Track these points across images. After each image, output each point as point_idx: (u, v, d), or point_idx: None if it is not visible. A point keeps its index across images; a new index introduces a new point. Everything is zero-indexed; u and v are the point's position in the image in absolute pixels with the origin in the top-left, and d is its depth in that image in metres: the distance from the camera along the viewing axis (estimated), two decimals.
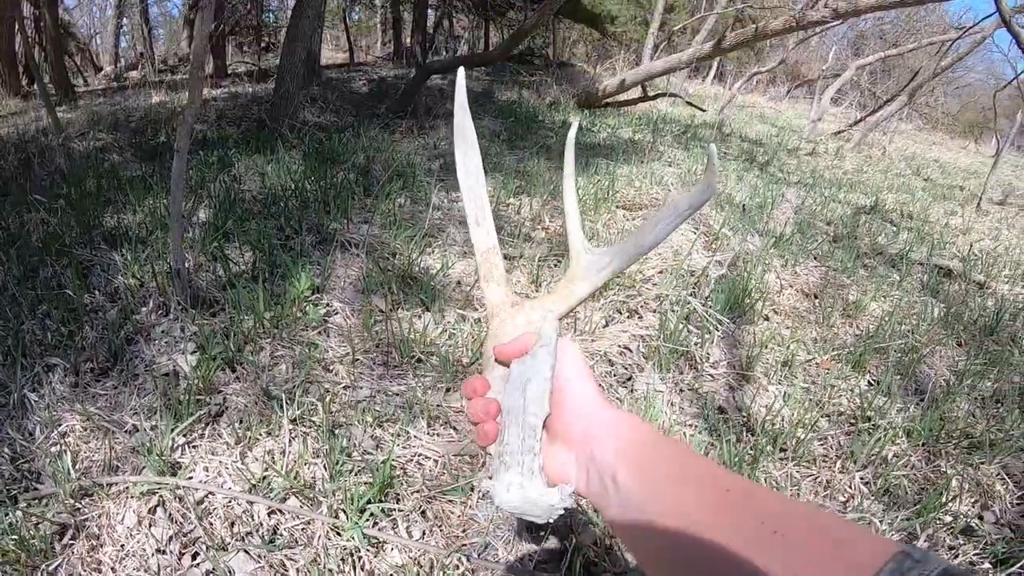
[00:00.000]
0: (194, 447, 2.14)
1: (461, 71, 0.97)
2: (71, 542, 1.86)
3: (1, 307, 2.77)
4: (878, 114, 12.85)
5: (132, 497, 1.96)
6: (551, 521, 0.76)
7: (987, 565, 1.98)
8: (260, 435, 2.18)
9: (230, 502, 1.95)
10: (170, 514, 1.92)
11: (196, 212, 3.75)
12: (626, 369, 2.68)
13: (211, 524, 1.89)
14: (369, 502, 1.93)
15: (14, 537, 1.79)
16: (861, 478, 2.28)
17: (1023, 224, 7.15)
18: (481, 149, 0.95)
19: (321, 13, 6.87)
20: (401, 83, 8.55)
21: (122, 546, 1.84)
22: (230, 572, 1.76)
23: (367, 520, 1.90)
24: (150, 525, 1.89)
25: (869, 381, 2.90)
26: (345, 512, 1.90)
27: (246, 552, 1.81)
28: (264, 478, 2.03)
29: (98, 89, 11.06)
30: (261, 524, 1.90)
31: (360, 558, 1.81)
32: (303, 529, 1.89)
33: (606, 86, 9.02)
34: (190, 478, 2.02)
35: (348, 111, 7.42)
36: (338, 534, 1.87)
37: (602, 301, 3.07)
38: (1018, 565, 1.92)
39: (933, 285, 4.10)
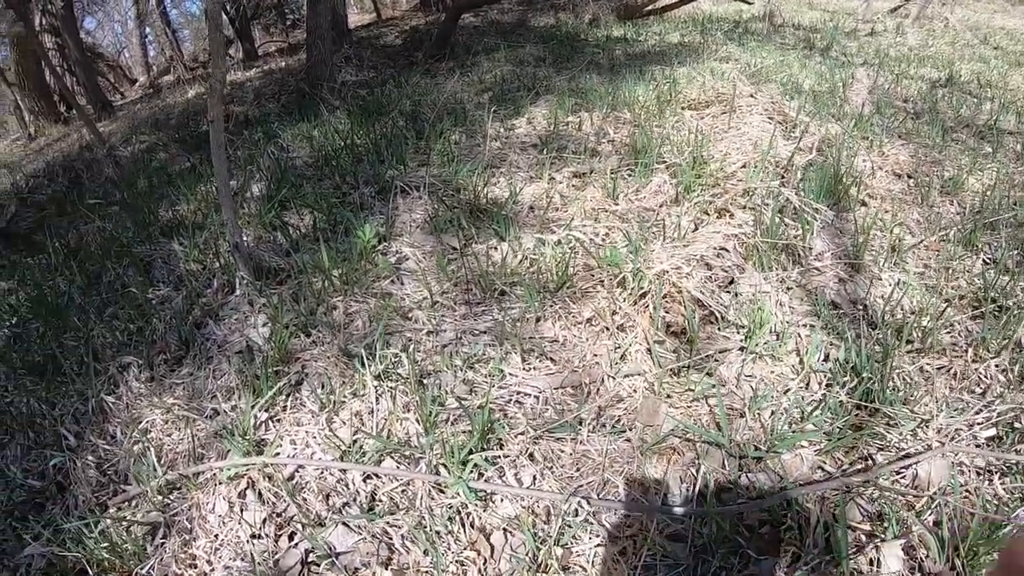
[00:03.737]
0: (277, 421, 2.02)
1: None
2: (162, 541, 1.78)
3: (69, 318, 2.73)
4: None
5: (220, 483, 1.86)
6: None
7: None
8: (345, 397, 2.04)
9: (322, 473, 1.83)
10: (261, 494, 1.80)
11: (248, 187, 3.64)
12: (726, 272, 2.45)
13: (305, 500, 1.77)
14: (471, 452, 1.78)
15: (105, 544, 1.72)
16: (996, 365, 2.05)
17: None
18: (528, 75, 0.73)
19: None
20: (434, 29, 8.30)
21: (216, 536, 1.75)
22: (330, 549, 1.64)
23: (471, 472, 1.75)
24: (242, 510, 1.79)
25: (984, 260, 2.65)
26: (446, 467, 1.76)
27: (345, 525, 1.69)
28: (355, 442, 1.90)
29: (135, 99, 11.19)
30: (358, 492, 1.77)
31: (468, 515, 1.67)
32: (403, 491, 1.76)
33: None
34: (277, 454, 1.90)
35: (385, 65, 7.24)
36: (441, 491, 1.73)
37: (685, 204, 2.83)
38: None
39: None
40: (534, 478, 1.76)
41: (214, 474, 1.89)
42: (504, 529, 1.64)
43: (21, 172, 6.81)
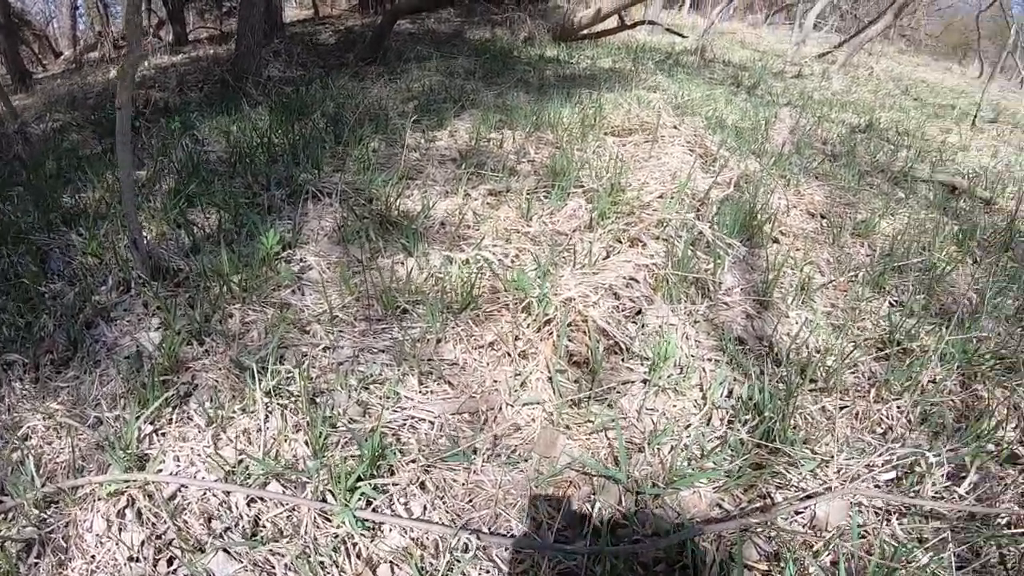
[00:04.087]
0: (162, 434, 1.92)
1: None
2: (36, 560, 1.67)
3: None
4: (864, 34, 12.50)
5: (99, 499, 1.76)
6: None
7: None
8: (234, 413, 1.96)
9: (204, 494, 1.74)
10: (140, 514, 1.71)
11: (158, 180, 3.50)
12: (634, 302, 2.46)
13: (185, 522, 1.69)
14: (360, 479, 1.73)
15: None
16: (898, 407, 2.10)
17: (1018, 142, 7.10)
18: (456, 87, 0.70)
19: None
20: (369, 32, 8.21)
21: (92, 557, 1.65)
22: None
23: (359, 500, 1.70)
24: (120, 530, 1.69)
25: (891, 302, 2.73)
26: (333, 493, 1.70)
27: (226, 552, 1.61)
28: (240, 462, 1.82)
29: (57, 73, 10.70)
30: (241, 516, 1.70)
31: (355, 544, 1.62)
32: (288, 517, 1.69)
33: (581, 17, 8.74)
34: (160, 471, 1.81)
35: (315, 63, 7.11)
36: (327, 520, 1.67)
37: (598, 231, 2.84)
38: None
39: (939, 202, 3.95)
40: (424, 508, 1.72)
41: (93, 489, 1.78)
42: (391, 562, 1.59)
43: None
